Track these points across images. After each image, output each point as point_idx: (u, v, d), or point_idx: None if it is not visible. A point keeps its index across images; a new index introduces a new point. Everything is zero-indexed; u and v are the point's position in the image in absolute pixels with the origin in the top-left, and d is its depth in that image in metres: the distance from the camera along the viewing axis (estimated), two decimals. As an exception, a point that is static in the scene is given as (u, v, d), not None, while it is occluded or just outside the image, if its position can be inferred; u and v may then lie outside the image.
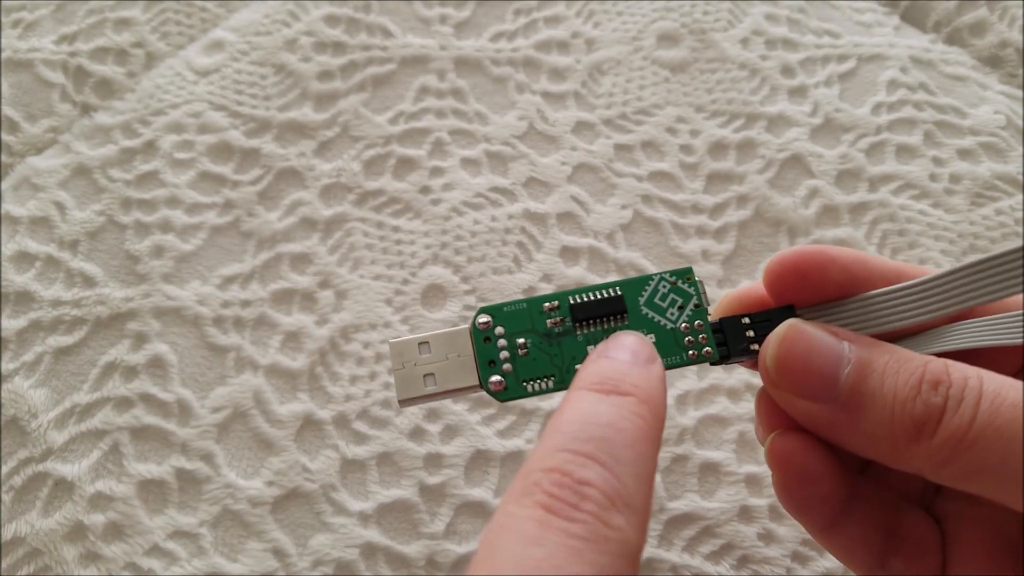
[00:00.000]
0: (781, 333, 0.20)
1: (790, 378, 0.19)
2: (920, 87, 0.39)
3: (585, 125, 0.38)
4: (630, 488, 0.16)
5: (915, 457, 0.18)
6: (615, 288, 0.22)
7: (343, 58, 0.40)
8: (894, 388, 0.18)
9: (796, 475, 0.20)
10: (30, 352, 0.32)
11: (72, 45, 0.40)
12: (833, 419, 0.19)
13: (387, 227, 0.35)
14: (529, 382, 0.21)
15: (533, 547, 0.15)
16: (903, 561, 0.21)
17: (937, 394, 0.18)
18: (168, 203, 0.36)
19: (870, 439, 0.19)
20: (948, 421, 0.17)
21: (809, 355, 0.19)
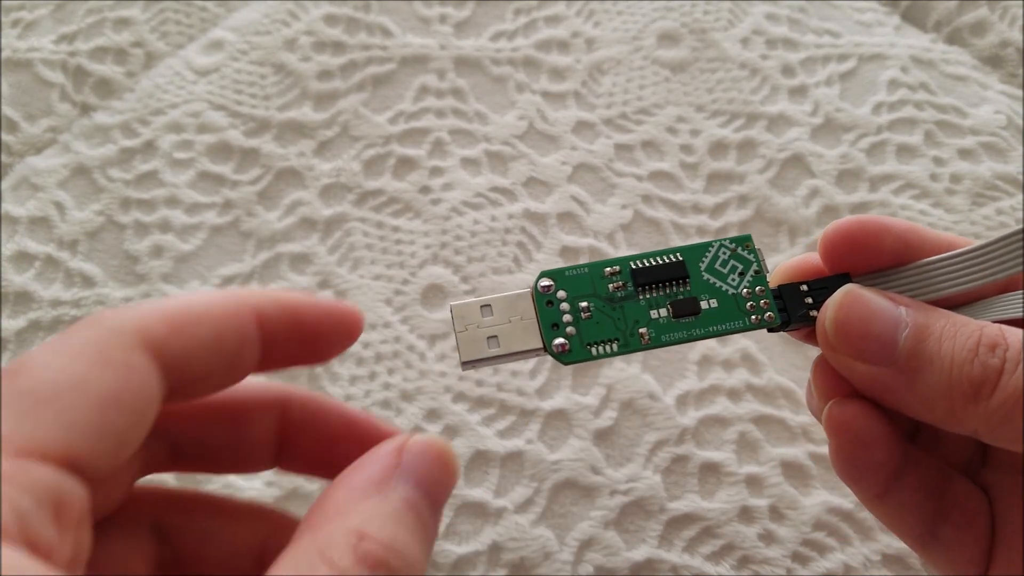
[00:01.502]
0: (839, 298, 0.20)
1: (849, 342, 0.20)
2: (921, 87, 0.39)
3: (585, 125, 0.38)
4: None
5: (972, 418, 0.18)
6: (676, 254, 0.22)
7: (343, 58, 0.40)
8: (952, 351, 0.18)
9: (854, 441, 0.20)
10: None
11: (71, 45, 0.40)
12: (891, 382, 0.19)
13: (387, 227, 0.35)
14: (593, 345, 0.21)
15: None
16: (952, 529, 0.21)
17: (994, 356, 0.18)
18: (167, 203, 0.36)
19: (928, 401, 0.19)
20: (1005, 382, 0.18)
21: (868, 319, 0.19)
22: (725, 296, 0.21)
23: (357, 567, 0.14)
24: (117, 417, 0.15)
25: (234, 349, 0.17)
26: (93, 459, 0.14)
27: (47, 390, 0.14)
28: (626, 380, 0.31)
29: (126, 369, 0.15)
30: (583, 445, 0.30)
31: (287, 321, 0.18)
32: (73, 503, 0.14)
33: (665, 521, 0.29)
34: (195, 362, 0.17)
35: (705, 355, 0.32)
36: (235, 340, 0.17)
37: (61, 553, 0.14)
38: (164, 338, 0.16)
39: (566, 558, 0.28)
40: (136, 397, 0.15)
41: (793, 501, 0.29)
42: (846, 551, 0.29)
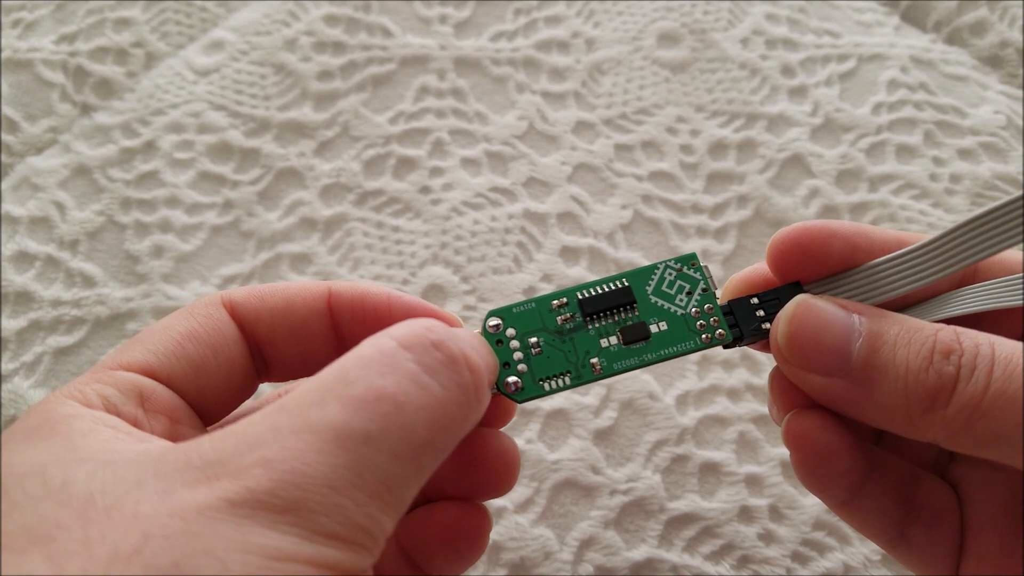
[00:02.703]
0: (791, 310, 0.20)
1: (802, 354, 0.19)
2: (920, 87, 0.39)
3: (585, 125, 0.38)
4: None
5: (930, 427, 0.18)
6: (621, 280, 0.22)
7: (343, 58, 0.40)
8: (906, 359, 0.18)
9: (814, 453, 0.20)
10: (30, 352, 0.32)
11: (72, 45, 0.40)
12: (847, 393, 0.19)
13: (387, 227, 0.35)
14: (546, 380, 0.21)
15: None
16: (921, 529, 0.21)
17: (949, 363, 0.18)
18: (168, 203, 0.36)
19: (885, 411, 0.19)
20: (962, 390, 0.17)
21: (820, 330, 0.19)
22: (674, 317, 0.21)
23: (410, 333, 0.16)
24: (192, 347, 0.19)
25: (303, 317, 0.20)
26: (171, 375, 0.19)
27: (143, 335, 0.19)
28: (626, 380, 0.31)
29: (204, 316, 0.20)
30: (583, 445, 0.30)
31: (356, 303, 0.21)
32: (156, 397, 0.18)
33: (665, 521, 0.29)
34: (264, 320, 0.20)
35: (705, 355, 0.32)
36: (304, 308, 0.20)
37: (150, 427, 0.18)
38: (241, 299, 0.20)
39: (566, 558, 0.28)
40: (210, 334, 0.19)
41: (793, 501, 0.29)
42: (845, 551, 0.29)
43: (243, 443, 0.14)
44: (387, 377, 0.15)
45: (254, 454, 0.14)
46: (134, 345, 0.19)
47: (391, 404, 0.15)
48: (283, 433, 0.14)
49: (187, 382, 0.19)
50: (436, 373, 0.16)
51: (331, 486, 0.14)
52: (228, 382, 0.20)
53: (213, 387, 0.20)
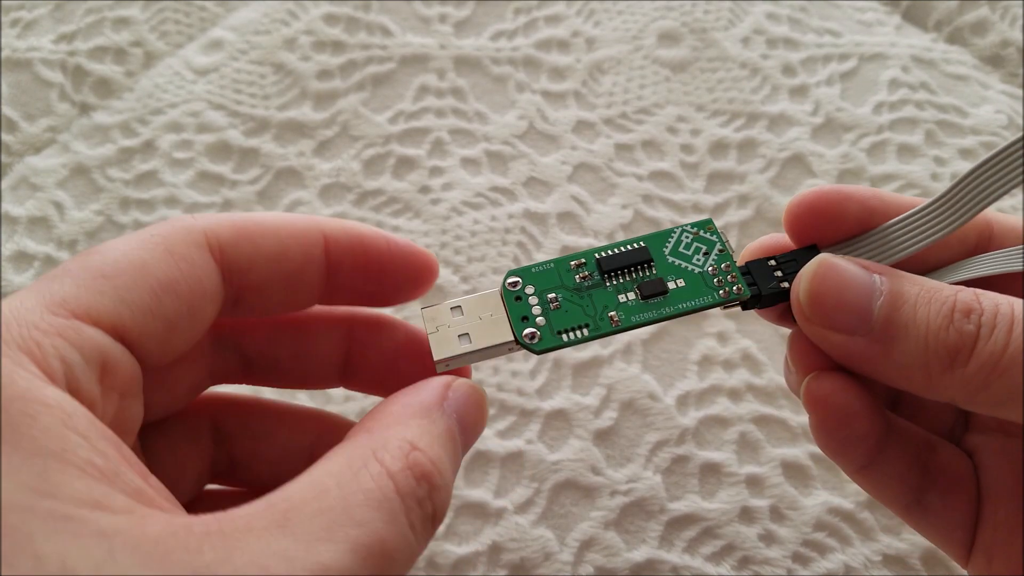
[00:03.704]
0: (812, 268, 0.20)
1: (824, 312, 0.19)
2: (921, 86, 0.39)
3: (585, 124, 0.38)
4: None
5: (949, 386, 0.18)
6: (639, 242, 0.22)
7: (342, 57, 0.39)
8: (927, 317, 0.18)
9: (834, 415, 0.20)
10: (28, 352, 0.32)
11: (71, 44, 0.40)
12: (867, 351, 0.19)
13: (387, 227, 0.35)
14: (564, 332, 0.21)
15: None
16: (938, 495, 0.21)
17: (969, 322, 0.18)
18: (167, 203, 0.36)
19: (904, 369, 0.19)
20: (981, 348, 0.18)
21: (842, 289, 0.19)
22: (692, 275, 0.22)
23: (404, 472, 0.16)
24: (169, 303, 0.16)
25: (298, 265, 0.18)
26: (142, 336, 0.16)
27: (110, 268, 0.16)
28: (626, 380, 0.31)
29: (187, 263, 0.17)
30: (583, 445, 0.30)
31: (355, 249, 0.19)
32: (119, 369, 0.16)
33: (665, 521, 0.29)
34: (257, 269, 0.18)
35: (705, 355, 0.32)
36: (300, 255, 0.19)
37: (104, 411, 0.15)
38: (229, 241, 0.18)
39: (566, 559, 0.28)
40: (191, 289, 0.17)
41: (794, 501, 0.29)
42: (847, 551, 0.29)
43: (253, 563, 0.13)
44: (389, 528, 0.15)
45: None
46: (102, 282, 0.16)
47: (389, 559, 0.15)
48: (295, 567, 0.14)
49: (155, 346, 0.17)
50: (421, 530, 0.16)
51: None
52: (189, 343, 0.18)
53: (175, 350, 0.17)
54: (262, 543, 0.13)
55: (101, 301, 0.16)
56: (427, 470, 0.16)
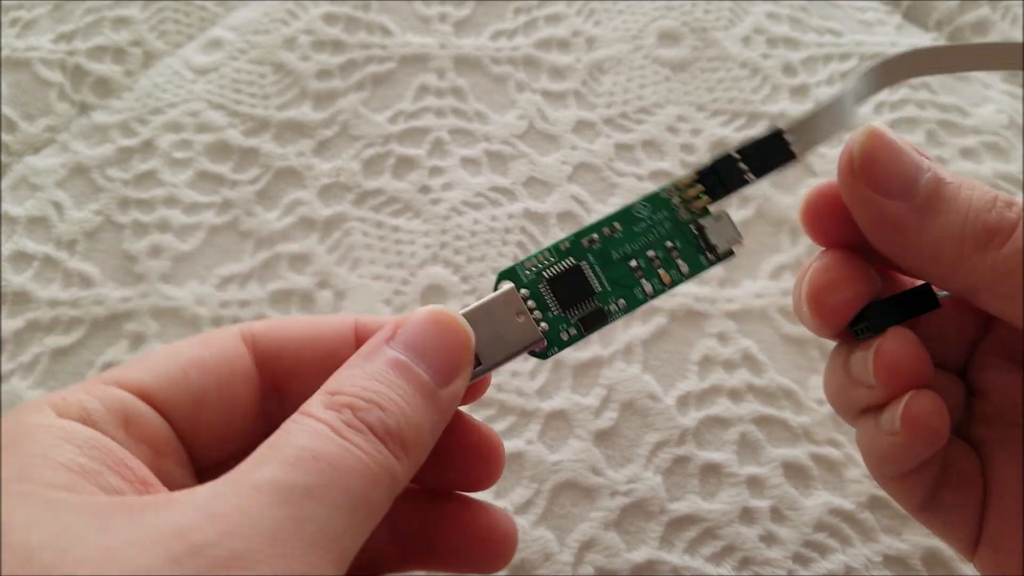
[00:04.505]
0: (868, 130, 0.20)
1: (874, 171, 0.19)
2: (923, 86, 0.39)
3: (585, 124, 0.38)
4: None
5: (978, 267, 0.18)
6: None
7: (342, 57, 0.39)
8: (970, 198, 0.19)
9: (930, 437, 0.20)
10: (27, 352, 0.32)
11: (70, 44, 0.40)
12: (906, 219, 0.19)
13: (386, 227, 0.35)
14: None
15: None
16: (950, 491, 0.21)
17: (1011, 211, 0.18)
18: (166, 203, 0.36)
19: (937, 244, 0.19)
20: (1018, 236, 0.18)
21: (896, 154, 0.19)
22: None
23: (327, 412, 0.16)
24: (196, 376, 0.18)
25: (332, 346, 0.19)
26: (169, 401, 0.18)
27: (148, 353, 0.19)
28: (627, 381, 0.31)
29: (218, 346, 0.19)
30: (583, 446, 0.30)
31: None
32: (143, 422, 0.17)
33: (666, 522, 0.29)
34: (288, 353, 0.19)
35: (706, 355, 0.32)
36: (333, 338, 0.20)
37: (133, 452, 0.17)
38: (263, 331, 0.19)
39: (566, 559, 0.28)
40: (220, 366, 0.19)
41: (794, 502, 0.29)
42: (847, 552, 0.29)
43: (191, 501, 0.14)
44: (315, 440, 0.15)
45: (200, 510, 0.14)
46: (135, 363, 0.18)
47: (326, 463, 0.15)
48: (228, 492, 0.14)
49: (183, 411, 0.18)
50: (366, 446, 0.16)
51: (274, 537, 0.14)
52: (228, 422, 0.19)
53: (211, 420, 0.19)
54: (205, 488, 0.15)
55: (130, 372, 0.18)
56: (349, 403, 0.16)
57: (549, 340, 0.20)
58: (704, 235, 0.21)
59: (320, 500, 0.15)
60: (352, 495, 0.15)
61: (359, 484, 0.15)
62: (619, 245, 0.21)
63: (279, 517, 0.14)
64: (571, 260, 0.21)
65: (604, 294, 0.21)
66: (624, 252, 0.21)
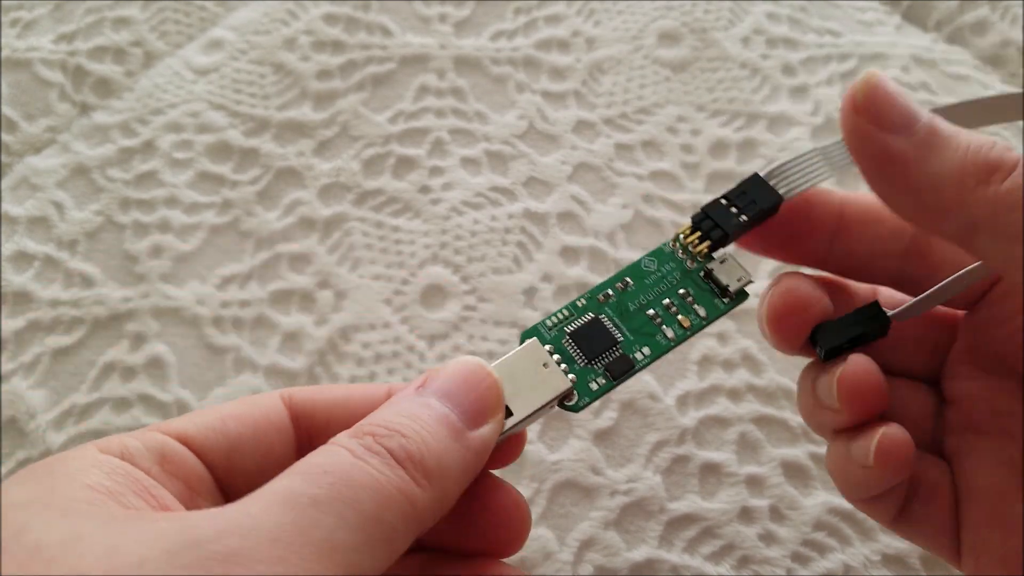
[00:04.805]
0: (869, 73, 0.20)
1: (876, 105, 0.20)
2: (922, 86, 0.39)
3: (585, 124, 0.38)
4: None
5: (978, 201, 0.18)
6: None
7: (342, 57, 0.39)
8: (970, 140, 0.19)
9: (899, 464, 0.20)
10: (28, 352, 0.32)
11: (71, 44, 0.40)
12: (907, 152, 0.19)
13: (386, 227, 0.35)
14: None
15: None
16: (919, 504, 0.22)
17: (1011, 152, 0.18)
18: (167, 203, 0.36)
19: (938, 178, 0.19)
20: (1019, 174, 0.18)
21: (896, 92, 0.20)
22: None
23: (349, 440, 0.16)
24: (233, 425, 0.19)
25: (363, 407, 0.20)
26: (204, 445, 0.19)
27: (197, 410, 0.21)
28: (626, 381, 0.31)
29: (256, 403, 0.20)
30: (583, 445, 0.30)
31: None
32: (178, 460, 0.18)
33: (665, 521, 0.29)
34: (321, 411, 0.20)
35: (705, 355, 0.32)
36: (364, 400, 0.20)
37: (168, 484, 0.18)
38: (300, 392, 0.21)
39: (566, 558, 0.28)
40: (256, 419, 0.20)
41: (793, 501, 0.29)
42: (846, 551, 0.29)
43: (204, 511, 0.15)
44: (330, 458, 0.16)
45: (207, 514, 0.14)
46: (182, 416, 0.20)
47: (336, 476, 0.15)
48: (240, 503, 0.15)
49: (218, 455, 0.19)
50: (385, 468, 0.16)
51: (274, 539, 0.14)
52: (262, 469, 0.19)
53: (245, 466, 0.19)
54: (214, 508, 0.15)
55: (175, 422, 0.19)
56: (369, 430, 0.17)
57: (579, 391, 0.21)
58: (713, 278, 0.22)
59: (326, 510, 0.15)
60: (361, 511, 0.15)
61: (370, 501, 0.15)
62: (634, 297, 0.22)
63: (282, 521, 0.14)
64: (590, 315, 0.21)
65: (628, 343, 0.21)
66: (640, 303, 0.22)
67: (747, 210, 0.22)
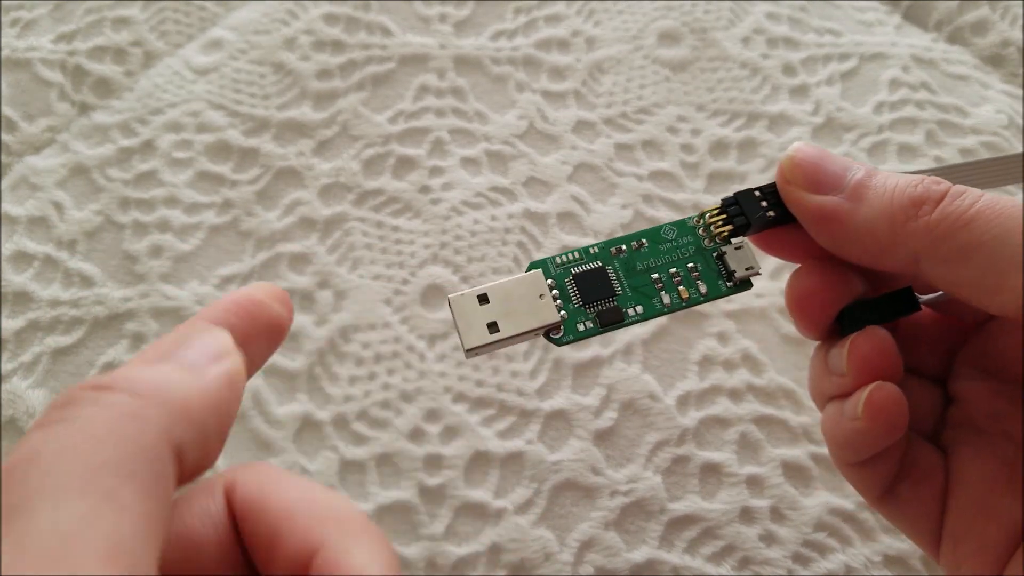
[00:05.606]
0: (792, 145, 0.22)
1: (802, 172, 0.21)
2: (922, 86, 0.39)
3: (585, 124, 0.38)
4: None
5: (913, 234, 0.19)
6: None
7: (342, 57, 0.39)
8: (896, 181, 0.20)
9: (889, 424, 0.21)
10: (28, 352, 0.32)
11: (70, 44, 0.40)
12: (839, 207, 0.21)
13: (386, 227, 0.35)
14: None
15: None
16: (909, 485, 0.22)
17: (939, 186, 0.20)
18: (166, 203, 0.36)
19: (871, 224, 0.20)
20: (948, 203, 0.19)
21: (822, 157, 0.21)
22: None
23: None
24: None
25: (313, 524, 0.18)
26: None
27: None
28: (627, 380, 0.31)
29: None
30: (583, 446, 0.30)
31: None
32: None
33: (666, 522, 0.29)
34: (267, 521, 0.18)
35: (706, 355, 0.32)
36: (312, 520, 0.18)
37: None
38: (242, 487, 0.18)
39: (566, 559, 0.28)
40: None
41: (794, 502, 0.29)
42: (847, 552, 0.29)
43: None
44: None
45: None
46: None
47: None
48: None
49: None
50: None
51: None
52: None
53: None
54: None
55: None
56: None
57: (566, 327, 0.22)
58: (724, 261, 0.23)
59: None
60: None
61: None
62: (644, 259, 0.23)
63: None
64: (598, 263, 0.22)
65: (624, 297, 0.22)
66: (648, 265, 0.23)
67: (775, 208, 0.22)
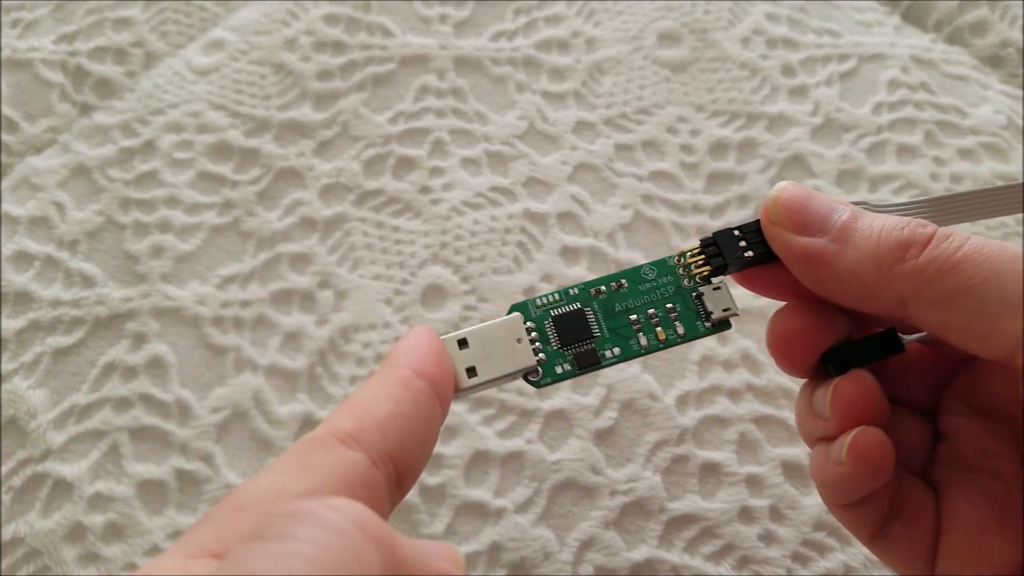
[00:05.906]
0: (778, 185, 0.22)
1: (787, 213, 0.21)
2: (921, 87, 0.39)
3: (585, 125, 0.38)
4: None
5: (900, 278, 0.19)
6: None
7: (343, 57, 0.39)
8: (883, 224, 0.20)
9: (873, 469, 0.21)
10: (29, 352, 0.32)
11: (71, 45, 0.40)
12: (824, 250, 0.20)
13: (387, 227, 0.35)
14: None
15: None
16: (901, 525, 0.22)
17: (925, 228, 0.19)
18: (167, 203, 0.36)
19: (857, 267, 0.20)
20: (935, 246, 0.19)
21: (807, 198, 0.21)
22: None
23: None
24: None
25: None
26: None
27: None
28: (626, 380, 0.31)
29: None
30: (583, 445, 0.30)
31: None
32: None
33: (665, 521, 0.29)
34: None
35: (705, 355, 0.32)
36: None
37: None
38: None
39: (566, 558, 0.28)
40: None
41: (793, 501, 0.29)
42: (846, 551, 0.29)
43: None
44: None
45: None
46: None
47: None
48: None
49: None
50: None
51: None
52: None
53: None
54: None
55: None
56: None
57: (544, 370, 0.22)
58: (702, 302, 0.23)
59: None
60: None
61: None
62: (623, 299, 0.23)
63: None
64: (577, 304, 0.23)
65: (602, 340, 0.22)
66: (627, 306, 0.23)
67: (755, 247, 0.22)
